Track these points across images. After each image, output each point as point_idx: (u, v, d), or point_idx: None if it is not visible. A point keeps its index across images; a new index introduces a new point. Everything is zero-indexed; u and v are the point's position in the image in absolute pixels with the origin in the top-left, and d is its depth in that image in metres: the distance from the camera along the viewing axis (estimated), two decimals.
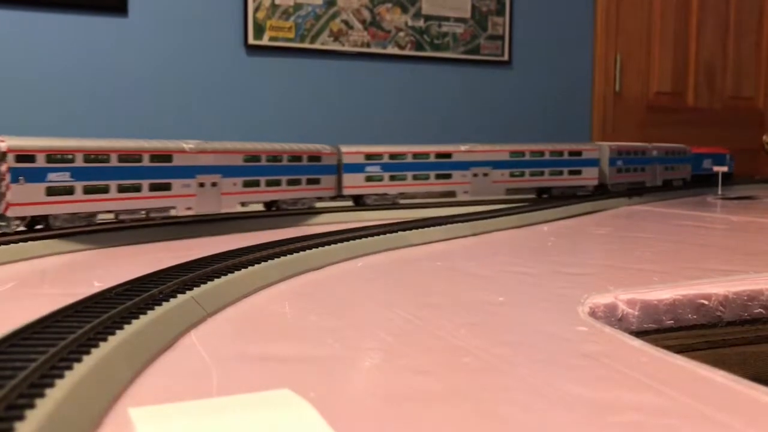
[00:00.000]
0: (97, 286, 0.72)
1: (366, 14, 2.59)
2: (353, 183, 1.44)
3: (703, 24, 3.23)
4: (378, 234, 1.04)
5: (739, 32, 3.33)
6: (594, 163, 1.69)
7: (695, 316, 0.72)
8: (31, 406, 0.35)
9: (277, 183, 1.29)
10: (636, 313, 0.69)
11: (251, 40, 2.43)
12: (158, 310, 0.56)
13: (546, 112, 2.90)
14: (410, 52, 2.66)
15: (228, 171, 1.20)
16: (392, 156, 1.47)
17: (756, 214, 1.58)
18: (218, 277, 0.70)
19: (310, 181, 1.35)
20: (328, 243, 0.93)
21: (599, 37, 3.00)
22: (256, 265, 0.77)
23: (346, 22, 2.56)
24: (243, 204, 1.25)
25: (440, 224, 1.16)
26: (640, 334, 0.67)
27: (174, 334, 0.55)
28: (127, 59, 2.30)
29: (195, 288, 0.64)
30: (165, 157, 1.10)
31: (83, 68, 2.24)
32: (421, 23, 2.67)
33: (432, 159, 1.51)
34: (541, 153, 1.62)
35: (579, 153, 1.67)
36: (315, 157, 1.37)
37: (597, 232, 1.31)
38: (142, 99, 2.32)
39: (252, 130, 2.41)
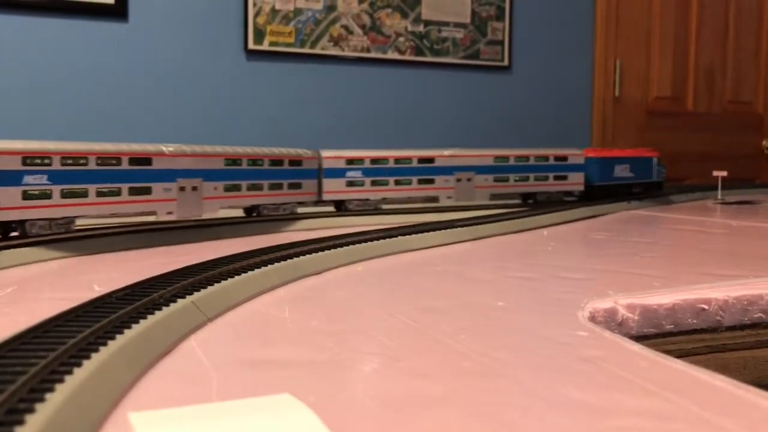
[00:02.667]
0: (98, 290, 0.72)
1: (366, 19, 2.59)
2: (8, 202, 0.94)
3: (703, 29, 3.24)
4: (378, 238, 1.04)
5: (738, 37, 3.33)
6: (314, 174, 1.40)
7: (695, 321, 0.72)
8: (32, 410, 0.35)
9: None
10: (636, 317, 0.69)
11: (251, 45, 2.43)
12: (158, 315, 0.56)
13: (546, 118, 2.91)
14: (410, 57, 2.67)
15: None
16: (64, 160, 0.99)
17: (756, 218, 1.58)
18: (218, 282, 0.70)
19: None
20: (329, 248, 0.93)
21: (599, 42, 3.01)
22: (257, 270, 0.77)
23: (346, 27, 2.57)
24: None
25: (440, 229, 1.16)
26: (640, 338, 0.67)
27: (174, 339, 0.55)
28: (127, 64, 2.30)
29: (195, 293, 0.64)
30: None
31: (83, 73, 2.25)
32: (420, 28, 2.67)
33: (125, 166, 1.06)
34: (260, 161, 1.28)
35: (299, 162, 1.35)
36: None
37: (597, 236, 1.31)
38: (141, 104, 2.32)
39: (252, 135, 2.41)
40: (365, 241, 1.01)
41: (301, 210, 1.39)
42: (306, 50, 2.51)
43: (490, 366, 0.50)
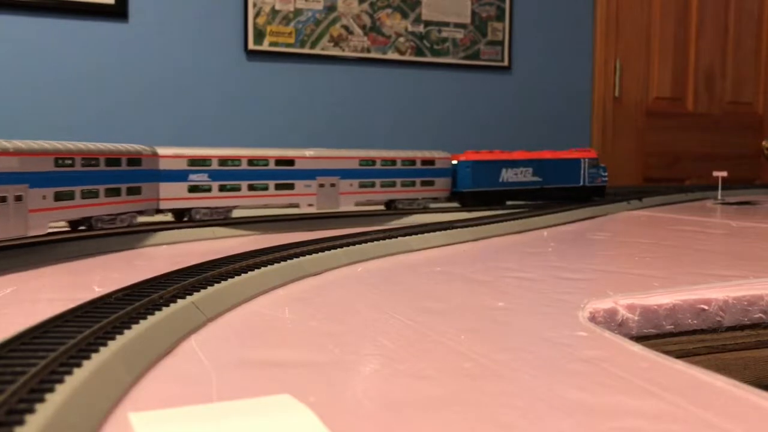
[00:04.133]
0: (97, 291, 0.72)
1: (366, 19, 2.59)
2: None
3: (703, 29, 3.24)
4: (378, 239, 1.04)
5: (738, 38, 3.34)
6: (156, 176, 1.17)
7: (695, 321, 0.72)
8: (32, 410, 0.35)
9: None
10: (636, 318, 0.69)
11: (251, 46, 2.43)
12: (158, 315, 0.56)
13: (546, 118, 2.91)
14: (410, 58, 2.67)
15: None
16: None
17: (756, 219, 1.58)
18: (218, 282, 0.70)
19: None
20: (328, 248, 0.93)
21: (599, 43, 3.01)
22: (256, 270, 0.77)
23: (346, 28, 2.57)
24: None
25: (440, 229, 1.16)
26: (640, 339, 0.67)
27: (174, 339, 0.55)
28: (128, 65, 2.30)
29: (195, 293, 0.64)
30: None
31: (83, 73, 2.25)
32: (421, 29, 2.67)
33: None
34: (95, 161, 1.03)
35: (138, 161, 1.12)
36: None
37: (597, 237, 1.31)
38: (141, 104, 2.32)
39: (252, 136, 2.41)
40: (365, 241, 1.01)
41: (141, 220, 1.17)
42: (306, 50, 2.52)
43: (490, 367, 0.50)
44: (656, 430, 0.39)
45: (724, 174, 2.00)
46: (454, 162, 1.56)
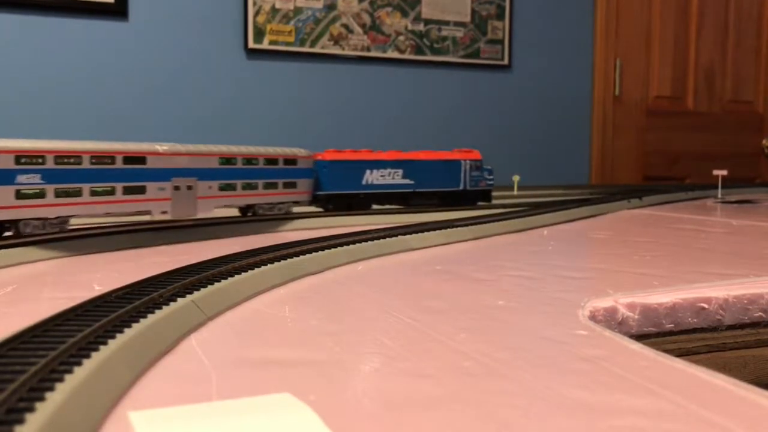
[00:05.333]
0: (98, 289, 0.72)
1: (366, 18, 2.59)
2: None
3: (703, 28, 3.24)
4: (378, 238, 1.04)
5: (738, 36, 3.33)
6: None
7: (695, 320, 0.72)
8: (32, 409, 0.35)
9: None
10: (636, 316, 0.69)
11: (251, 44, 2.43)
12: (158, 314, 0.56)
13: (546, 117, 2.90)
14: (410, 56, 2.67)
15: None
16: None
17: (756, 217, 1.58)
18: (218, 281, 0.70)
19: None
20: (328, 247, 0.93)
21: (599, 41, 3.01)
22: (257, 269, 0.77)
23: (346, 26, 2.57)
24: None
25: (440, 228, 1.16)
26: (640, 337, 0.67)
27: (174, 338, 0.55)
28: (128, 63, 2.30)
29: (195, 292, 0.64)
30: None
31: (83, 72, 2.25)
32: (420, 27, 2.67)
33: None
34: None
35: None
36: None
37: (597, 236, 1.31)
38: (141, 103, 2.32)
39: (252, 135, 2.41)
40: (365, 240, 1.01)
41: None
42: (306, 49, 2.51)
43: (490, 365, 0.50)
44: (656, 428, 0.39)
45: (724, 173, 2.00)
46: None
